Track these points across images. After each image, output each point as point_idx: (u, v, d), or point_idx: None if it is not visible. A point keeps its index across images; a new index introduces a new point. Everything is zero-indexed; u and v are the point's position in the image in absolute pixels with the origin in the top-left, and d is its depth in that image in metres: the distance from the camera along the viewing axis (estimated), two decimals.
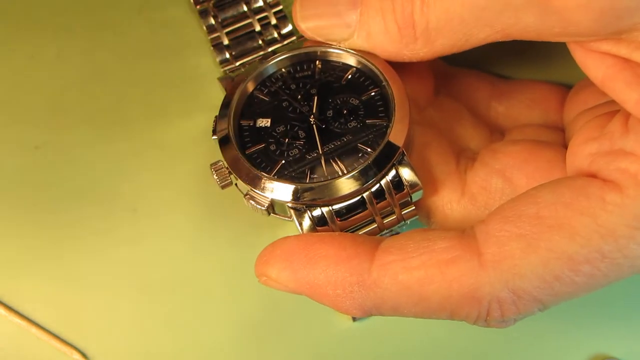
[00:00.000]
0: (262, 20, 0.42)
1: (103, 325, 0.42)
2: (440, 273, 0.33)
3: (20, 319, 0.42)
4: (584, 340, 0.43)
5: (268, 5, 0.42)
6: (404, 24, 0.36)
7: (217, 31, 0.42)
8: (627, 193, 0.32)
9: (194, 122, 0.44)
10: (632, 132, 0.33)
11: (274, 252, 0.35)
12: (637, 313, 0.43)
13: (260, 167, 0.37)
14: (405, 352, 0.42)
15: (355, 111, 0.38)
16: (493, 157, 0.39)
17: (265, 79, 0.40)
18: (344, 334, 0.42)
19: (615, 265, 0.33)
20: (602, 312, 0.43)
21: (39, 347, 0.42)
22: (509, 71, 0.45)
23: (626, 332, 0.43)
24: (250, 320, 0.43)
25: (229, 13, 0.42)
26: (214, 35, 0.42)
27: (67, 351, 0.42)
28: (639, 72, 0.33)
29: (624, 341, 0.43)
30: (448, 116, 0.41)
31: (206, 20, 0.42)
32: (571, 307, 0.41)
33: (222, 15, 0.42)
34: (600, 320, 0.42)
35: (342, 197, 0.36)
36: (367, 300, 0.34)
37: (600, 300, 0.43)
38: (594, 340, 0.43)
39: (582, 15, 0.32)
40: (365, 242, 0.35)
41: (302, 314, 0.42)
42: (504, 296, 0.33)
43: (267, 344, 0.42)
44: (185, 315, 0.42)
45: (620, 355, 0.42)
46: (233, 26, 0.42)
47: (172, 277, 0.43)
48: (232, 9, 0.42)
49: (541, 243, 0.32)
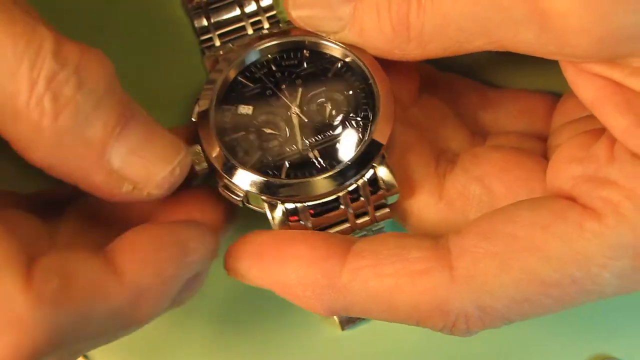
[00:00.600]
0: (255, 24, 0.41)
1: None
2: (411, 283, 0.33)
3: None
4: (584, 340, 0.43)
5: (261, 9, 0.41)
6: (398, 24, 0.35)
7: (210, 33, 0.41)
8: (606, 222, 0.32)
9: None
10: (617, 160, 0.33)
11: (245, 248, 0.35)
12: (637, 313, 0.43)
13: (237, 156, 0.37)
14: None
15: (339, 107, 0.38)
16: (473, 163, 0.38)
17: (250, 64, 0.39)
18: (333, 343, 0.42)
19: (585, 292, 0.33)
20: (602, 312, 0.43)
21: None
22: (501, 76, 0.44)
23: (626, 332, 0.43)
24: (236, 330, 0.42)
25: (223, 15, 0.41)
26: (205, 36, 0.41)
27: None
28: (630, 98, 0.33)
29: (624, 341, 0.43)
30: (431, 116, 0.41)
31: (199, 21, 0.41)
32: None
33: (215, 18, 0.41)
34: (600, 320, 0.43)
35: (318, 196, 0.36)
36: (336, 302, 0.34)
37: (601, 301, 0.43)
38: (594, 340, 0.43)
39: (581, 39, 0.32)
40: (337, 243, 0.34)
41: (289, 322, 0.42)
42: (471, 312, 0.33)
43: (253, 354, 0.42)
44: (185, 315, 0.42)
45: (620, 355, 0.43)
46: (226, 28, 0.41)
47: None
48: (225, 12, 0.41)
49: (515, 263, 0.32)
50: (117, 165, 0.33)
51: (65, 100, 0.31)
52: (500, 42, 0.34)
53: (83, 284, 0.30)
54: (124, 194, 0.34)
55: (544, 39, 0.33)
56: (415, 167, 0.38)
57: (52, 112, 0.31)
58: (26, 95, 0.31)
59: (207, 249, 0.34)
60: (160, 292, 0.32)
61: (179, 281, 0.33)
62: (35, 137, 0.31)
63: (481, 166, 0.38)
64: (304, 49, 0.39)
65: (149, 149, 0.34)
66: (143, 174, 0.34)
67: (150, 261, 0.32)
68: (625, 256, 0.32)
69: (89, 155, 0.32)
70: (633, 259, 0.32)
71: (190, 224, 0.35)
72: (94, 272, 0.31)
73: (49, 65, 0.31)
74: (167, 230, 0.33)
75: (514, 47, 0.34)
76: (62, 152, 0.32)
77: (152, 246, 0.32)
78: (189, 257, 0.33)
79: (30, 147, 0.32)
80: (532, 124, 0.42)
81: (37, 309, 0.29)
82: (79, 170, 0.33)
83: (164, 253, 0.32)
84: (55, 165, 0.33)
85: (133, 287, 0.31)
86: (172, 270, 0.32)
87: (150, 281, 0.32)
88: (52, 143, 0.32)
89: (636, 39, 0.31)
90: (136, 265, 0.32)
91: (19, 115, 0.31)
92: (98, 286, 0.31)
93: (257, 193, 0.36)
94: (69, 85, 0.31)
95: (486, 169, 0.38)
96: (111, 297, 0.31)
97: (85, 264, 0.31)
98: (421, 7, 0.34)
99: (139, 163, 0.33)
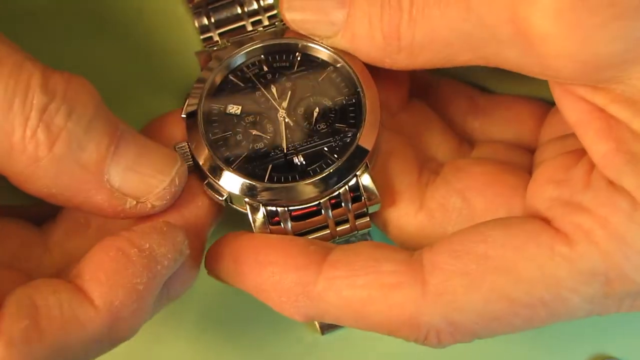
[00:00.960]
0: (256, 24, 0.41)
1: None
2: (382, 296, 0.34)
3: None
4: (584, 340, 0.43)
5: (262, 9, 0.41)
6: (389, 34, 0.35)
7: (211, 31, 0.41)
8: (576, 248, 0.32)
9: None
10: (593, 188, 0.33)
11: (224, 250, 0.36)
12: (637, 313, 0.43)
13: (222, 156, 0.37)
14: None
15: (327, 113, 0.38)
16: (455, 176, 0.39)
17: (242, 64, 0.39)
18: (313, 347, 0.43)
19: (555, 314, 0.33)
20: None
21: None
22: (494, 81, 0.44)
23: (626, 332, 0.43)
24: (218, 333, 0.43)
25: (223, 14, 0.41)
26: (206, 35, 0.41)
27: None
28: (611, 124, 0.33)
29: (624, 341, 0.43)
30: (418, 122, 0.41)
31: (200, 20, 0.41)
32: None
33: (216, 17, 0.41)
34: (600, 320, 0.42)
35: (300, 201, 0.36)
36: (310, 309, 0.35)
37: None
38: (594, 340, 0.43)
39: (562, 64, 0.32)
40: (314, 252, 0.35)
41: (270, 326, 0.43)
42: (442, 327, 0.33)
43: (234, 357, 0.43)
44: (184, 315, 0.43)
45: (620, 355, 0.43)
46: (226, 27, 0.41)
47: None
48: (226, 11, 0.41)
49: (484, 283, 0.33)
50: (117, 183, 0.34)
51: (57, 129, 0.32)
52: (486, 59, 0.34)
53: (54, 317, 0.31)
54: (128, 210, 0.34)
55: (527, 60, 0.33)
56: (398, 176, 0.39)
57: (47, 142, 0.32)
58: (21, 130, 0.32)
59: (178, 249, 0.34)
60: (135, 309, 0.32)
61: (154, 292, 0.33)
62: (33, 169, 0.32)
63: (463, 179, 0.38)
64: (296, 52, 0.39)
65: (145, 163, 0.34)
66: (143, 189, 0.34)
67: (120, 281, 0.32)
68: (596, 282, 0.32)
69: (88, 178, 0.33)
70: (604, 285, 0.33)
71: (155, 228, 0.34)
72: (64, 304, 0.31)
73: (39, 98, 0.32)
74: (130, 243, 0.33)
75: (499, 64, 0.34)
76: (61, 180, 0.33)
77: (119, 264, 0.32)
78: (159, 264, 0.33)
79: (30, 179, 0.33)
80: (520, 133, 0.42)
81: (11, 351, 0.29)
82: (81, 193, 0.34)
83: (131, 269, 0.32)
84: (57, 193, 0.33)
85: (107, 311, 0.31)
86: (143, 284, 0.32)
87: (123, 301, 0.32)
88: (51, 172, 0.33)
89: (617, 66, 0.31)
90: (106, 289, 0.32)
91: (15, 150, 0.32)
92: (71, 318, 0.31)
93: (239, 195, 0.36)
94: (60, 115, 0.32)
95: (468, 182, 0.38)
96: (86, 326, 0.31)
97: (55, 297, 0.31)
98: (412, 19, 0.35)
99: (137, 178, 0.34)
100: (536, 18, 0.31)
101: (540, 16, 0.31)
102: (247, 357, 0.43)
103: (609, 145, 0.33)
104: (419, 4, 0.34)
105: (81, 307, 0.31)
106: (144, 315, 0.33)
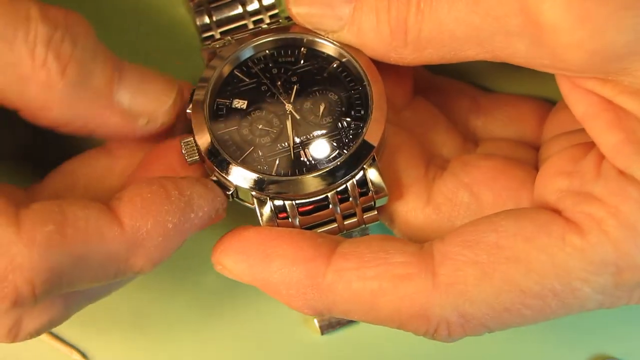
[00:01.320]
0: (257, 23, 0.41)
1: (103, 325, 0.42)
2: (393, 287, 0.33)
3: None
4: (584, 340, 0.43)
5: (263, 8, 0.41)
6: (396, 27, 0.35)
7: (212, 30, 0.41)
8: (587, 238, 0.32)
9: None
10: (603, 177, 0.33)
11: (232, 243, 0.35)
12: (637, 313, 0.43)
13: (229, 150, 0.37)
14: None
15: (333, 106, 0.38)
16: (463, 170, 0.39)
17: (247, 59, 0.39)
18: (312, 347, 0.43)
19: (566, 305, 0.33)
20: (602, 312, 0.43)
21: (39, 347, 0.42)
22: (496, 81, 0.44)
23: (626, 332, 0.43)
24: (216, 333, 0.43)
25: (225, 13, 0.41)
26: (207, 34, 0.41)
27: (67, 351, 0.42)
28: (620, 116, 0.33)
29: (624, 341, 0.43)
30: (423, 120, 0.41)
31: (201, 19, 0.41)
32: None
33: (218, 16, 0.41)
34: (600, 320, 0.43)
35: (307, 194, 0.36)
36: (319, 302, 0.34)
37: None
38: (594, 340, 0.43)
39: (572, 54, 0.32)
40: (323, 244, 0.35)
41: (269, 325, 0.43)
42: (452, 319, 0.33)
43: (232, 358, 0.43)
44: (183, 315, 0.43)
45: (620, 355, 0.43)
46: (228, 26, 0.41)
47: (172, 276, 0.42)
48: (227, 10, 0.41)
49: (496, 274, 0.33)
50: (127, 104, 0.36)
51: (66, 56, 0.34)
52: (493, 53, 0.34)
53: (80, 228, 0.32)
54: (141, 129, 0.36)
55: (537, 52, 0.33)
56: (405, 170, 0.39)
57: (59, 69, 0.34)
58: (29, 60, 0.33)
59: (215, 207, 0.35)
60: (159, 243, 0.33)
61: (180, 235, 0.34)
62: (48, 96, 0.34)
63: (470, 173, 0.38)
64: (301, 47, 0.39)
65: (150, 83, 0.37)
66: (152, 105, 0.36)
67: (153, 212, 0.33)
68: (607, 272, 0.32)
69: (100, 101, 0.35)
70: (615, 275, 0.32)
71: (197, 181, 0.35)
72: (91, 216, 0.32)
73: (42, 29, 0.33)
74: (174, 185, 0.34)
75: (507, 58, 0.34)
76: (75, 105, 0.34)
77: (157, 197, 0.33)
78: (194, 212, 0.34)
79: (45, 108, 0.34)
80: (523, 131, 0.42)
81: (31, 251, 0.31)
82: (95, 118, 0.35)
83: (167, 206, 0.33)
84: (72, 119, 0.35)
85: (131, 233, 0.33)
86: (173, 223, 0.33)
87: (149, 230, 0.33)
88: (65, 97, 0.34)
89: (626, 57, 0.31)
90: (137, 214, 0.33)
91: (27, 80, 0.33)
92: (95, 229, 0.32)
93: (246, 188, 0.36)
94: (66, 44, 0.34)
95: (475, 176, 0.38)
96: (109, 242, 0.32)
97: (83, 209, 0.32)
98: (419, 11, 0.35)
99: (145, 97, 0.36)
100: (546, 8, 0.31)
101: (550, 6, 0.31)
102: (247, 356, 0.43)
103: (619, 136, 0.33)
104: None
105: (108, 224, 0.32)
106: (163, 255, 0.34)
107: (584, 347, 0.43)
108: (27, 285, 0.31)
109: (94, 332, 0.42)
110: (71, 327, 0.42)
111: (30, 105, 0.34)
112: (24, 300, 0.31)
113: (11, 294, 0.31)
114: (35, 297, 0.32)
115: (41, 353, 0.42)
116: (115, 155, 0.38)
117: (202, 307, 0.43)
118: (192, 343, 0.43)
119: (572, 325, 0.43)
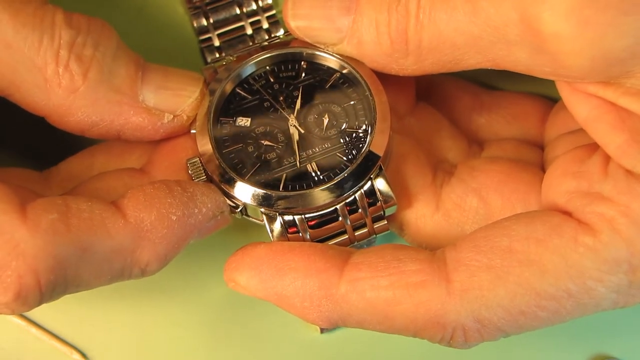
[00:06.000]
0: (255, 24, 0.41)
1: (103, 325, 0.42)
2: (408, 295, 0.33)
3: (20, 319, 0.41)
4: (584, 340, 0.43)
5: (261, 9, 0.41)
6: (397, 38, 0.35)
7: (209, 32, 0.41)
8: (600, 237, 0.32)
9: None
10: (611, 177, 0.33)
11: (244, 259, 0.35)
12: (637, 313, 0.43)
13: (236, 168, 0.37)
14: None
15: (337, 118, 0.38)
16: (470, 175, 0.39)
17: (248, 76, 0.39)
18: (311, 346, 0.42)
19: (581, 305, 0.33)
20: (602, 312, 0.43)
21: (39, 347, 0.42)
22: (498, 79, 0.44)
23: (626, 332, 0.43)
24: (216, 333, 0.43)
25: (222, 15, 0.41)
26: (205, 36, 0.41)
27: (67, 351, 0.41)
28: (623, 117, 0.33)
29: (624, 341, 0.43)
30: (427, 126, 0.41)
31: (198, 21, 0.41)
32: None
33: (215, 17, 0.41)
34: (600, 320, 0.43)
35: (316, 208, 0.36)
36: (333, 313, 0.34)
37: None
38: (594, 340, 0.43)
39: (574, 61, 0.32)
40: (335, 256, 0.35)
41: (268, 325, 0.42)
42: (468, 324, 0.33)
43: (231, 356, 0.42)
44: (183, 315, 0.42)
45: (620, 355, 0.43)
46: (225, 28, 0.41)
47: (172, 276, 0.42)
48: (225, 11, 0.41)
49: (510, 277, 0.33)
50: (152, 102, 0.36)
51: (88, 59, 0.35)
52: (494, 61, 0.34)
53: (84, 219, 0.32)
54: (167, 125, 0.37)
55: (539, 59, 0.33)
56: (412, 178, 0.39)
57: (81, 72, 0.35)
58: (53, 64, 0.34)
59: (218, 206, 0.36)
60: (164, 235, 0.34)
61: (184, 230, 0.34)
62: (72, 99, 0.35)
63: (478, 178, 0.38)
64: (301, 61, 0.39)
65: (173, 80, 0.37)
66: (177, 101, 0.37)
67: (156, 204, 0.34)
68: (621, 271, 0.32)
69: (124, 100, 0.36)
70: (629, 273, 0.32)
71: (202, 183, 0.36)
72: (95, 208, 0.33)
73: (66, 33, 0.34)
74: (176, 182, 0.35)
75: (509, 66, 0.34)
76: (100, 105, 0.35)
77: (160, 192, 0.34)
78: (197, 207, 0.34)
79: (69, 111, 0.35)
80: (526, 129, 0.42)
81: (35, 236, 0.31)
82: (120, 116, 0.36)
83: (170, 199, 0.34)
84: (98, 120, 0.36)
85: (135, 225, 0.33)
86: (177, 215, 0.34)
87: (153, 223, 0.33)
88: (89, 99, 0.35)
89: (628, 60, 0.32)
90: (140, 206, 0.33)
91: (51, 84, 0.34)
92: (99, 220, 0.32)
93: (255, 205, 0.36)
94: (87, 46, 0.35)
95: (483, 181, 0.38)
96: (112, 234, 0.33)
97: (86, 202, 0.33)
98: (419, 22, 0.35)
99: (169, 94, 0.37)
100: (546, 17, 0.31)
101: (550, 14, 0.31)
102: (247, 355, 0.43)
103: (623, 136, 0.33)
104: (426, 8, 0.34)
105: (112, 216, 0.33)
106: (168, 249, 0.34)
107: (584, 347, 0.43)
108: (31, 274, 0.31)
109: (94, 332, 0.42)
110: (71, 327, 0.42)
111: (56, 109, 0.35)
112: (28, 293, 0.31)
113: (14, 284, 0.31)
114: (41, 291, 0.31)
115: (41, 353, 0.42)
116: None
117: (203, 307, 0.43)
118: (192, 343, 0.42)
119: (572, 325, 0.43)
